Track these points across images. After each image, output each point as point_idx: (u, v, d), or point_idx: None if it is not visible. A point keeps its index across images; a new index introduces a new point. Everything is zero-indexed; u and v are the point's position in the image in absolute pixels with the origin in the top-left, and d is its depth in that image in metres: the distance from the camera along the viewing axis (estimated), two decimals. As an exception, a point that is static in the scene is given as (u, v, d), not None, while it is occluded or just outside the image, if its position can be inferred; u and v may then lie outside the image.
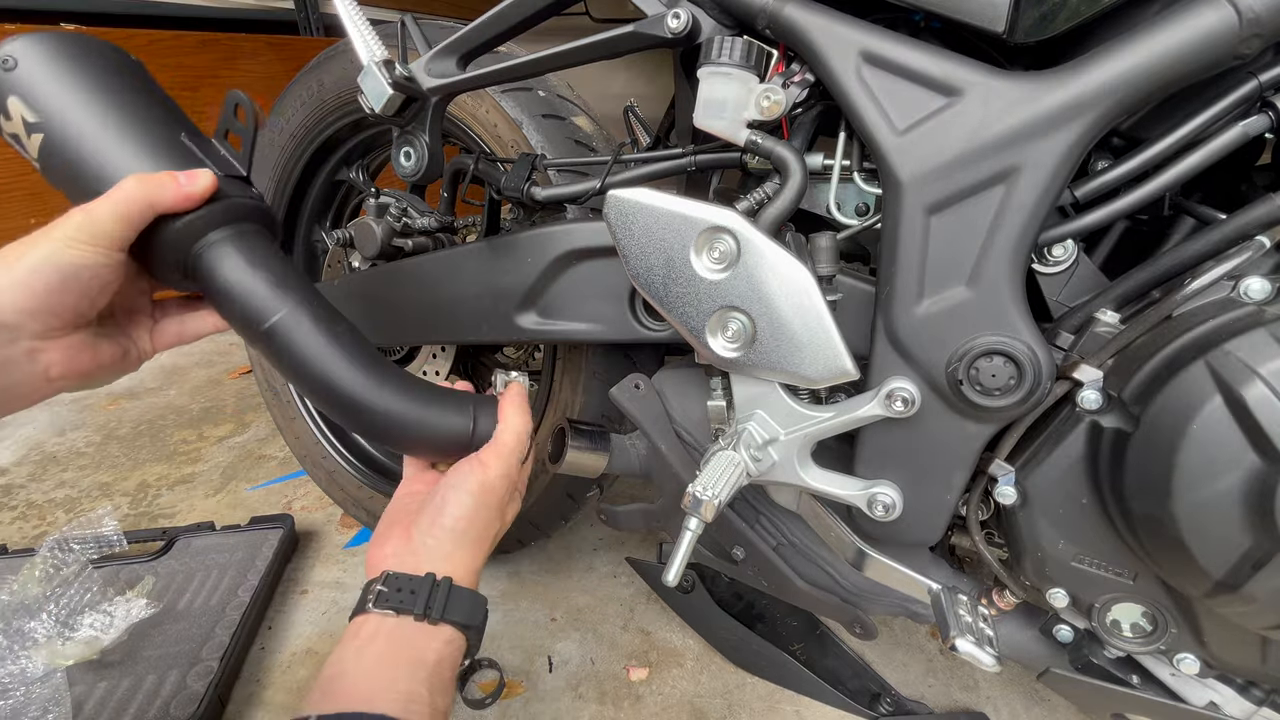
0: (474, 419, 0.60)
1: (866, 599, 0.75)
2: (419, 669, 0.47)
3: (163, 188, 0.47)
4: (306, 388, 0.55)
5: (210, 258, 0.52)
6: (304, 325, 0.53)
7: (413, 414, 0.57)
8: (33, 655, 0.87)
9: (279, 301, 0.53)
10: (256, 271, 0.52)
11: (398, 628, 0.48)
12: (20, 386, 0.45)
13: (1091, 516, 0.55)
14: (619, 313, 0.72)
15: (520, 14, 0.67)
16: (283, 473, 1.42)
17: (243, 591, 1.02)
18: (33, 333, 0.44)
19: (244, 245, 0.53)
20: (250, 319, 0.53)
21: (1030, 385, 0.52)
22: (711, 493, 0.58)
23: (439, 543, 0.53)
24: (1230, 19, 0.44)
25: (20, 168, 1.52)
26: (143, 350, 0.54)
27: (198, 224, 0.51)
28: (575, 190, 0.73)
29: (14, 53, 0.50)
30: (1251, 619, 0.49)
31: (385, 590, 0.50)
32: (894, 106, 0.53)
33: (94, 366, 0.49)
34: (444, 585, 0.51)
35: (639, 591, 1.09)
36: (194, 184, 0.49)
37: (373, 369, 0.56)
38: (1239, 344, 0.45)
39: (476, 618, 0.52)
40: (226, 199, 0.52)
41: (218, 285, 0.52)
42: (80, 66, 0.52)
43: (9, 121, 0.51)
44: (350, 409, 0.56)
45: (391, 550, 0.53)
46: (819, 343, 0.56)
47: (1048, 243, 0.55)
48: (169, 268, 0.52)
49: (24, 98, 0.50)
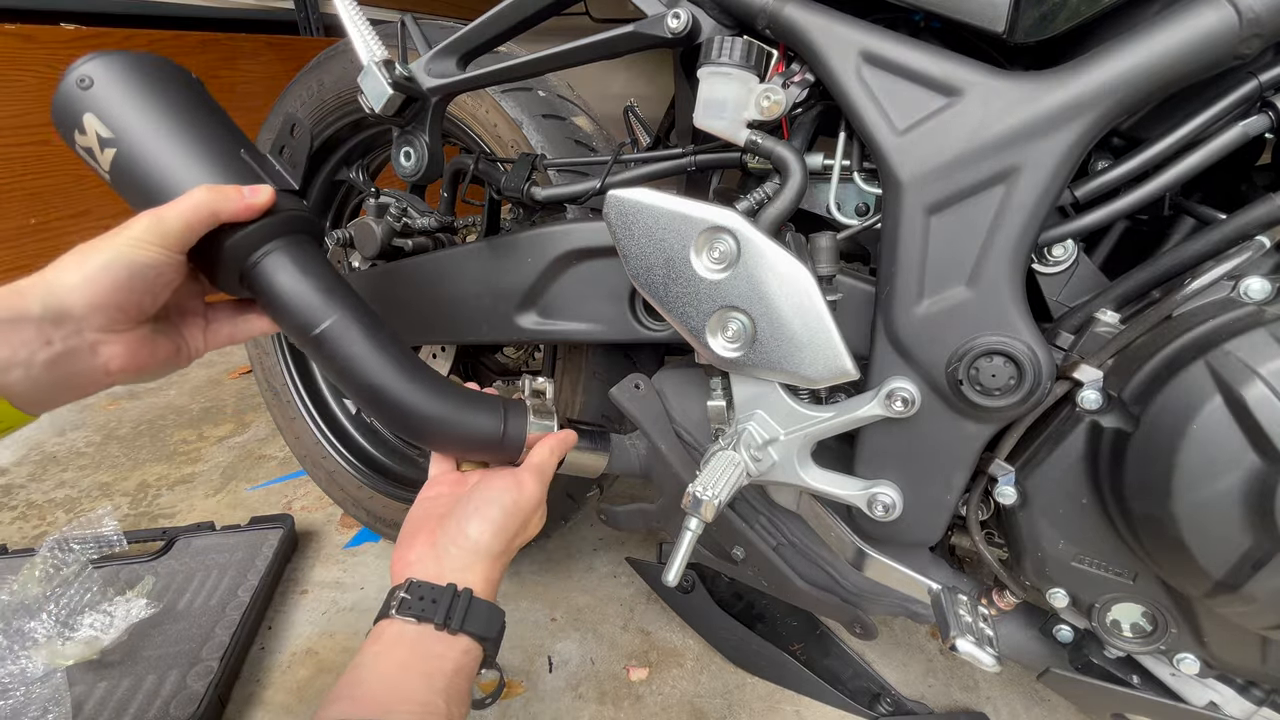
0: (505, 421, 0.62)
1: (866, 599, 0.75)
2: (437, 679, 0.48)
3: (227, 199, 0.51)
4: (352, 389, 0.59)
5: (266, 266, 0.55)
6: (352, 331, 0.57)
7: (449, 415, 0.60)
8: (33, 655, 0.87)
9: (328, 309, 0.56)
10: (308, 280, 0.56)
11: (418, 636, 0.50)
12: (81, 377, 0.47)
13: (1091, 516, 0.55)
14: (619, 313, 0.72)
15: (520, 14, 0.67)
16: (283, 473, 1.42)
17: (243, 591, 1.02)
18: (98, 326, 0.47)
19: (297, 255, 0.56)
20: (302, 324, 0.56)
21: (1030, 385, 0.52)
22: (711, 493, 0.58)
23: (462, 552, 0.55)
24: (1230, 19, 0.44)
25: (21, 168, 1.52)
26: (194, 349, 0.57)
27: (256, 235, 0.54)
28: (575, 190, 0.73)
29: (90, 72, 0.54)
30: (1251, 619, 0.49)
31: (408, 598, 0.52)
32: (894, 106, 0.53)
33: (150, 361, 0.52)
34: (464, 597, 0.52)
35: (639, 591, 1.09)
36: (255, 197, 0.53)
37: (413, 372, 0.60)
38: (1239, 344, 0.45)
39: (493, 629, 0.54)
40: (282, 212, 0.56)
41: (273, 292, 0.56)
42: (151, 86, 0.55)
43: (83, 136, 0.55)
44: (392, 409, 0.59)
45: (416, 556, 0.55)
46: (819, 343, 0.56)
47: (1048, 243, 0.55)
48: (229, 274, 0.55)
49: (100, 115, 0.54)
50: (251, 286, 0.56)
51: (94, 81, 0.54)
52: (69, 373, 0.46)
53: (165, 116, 0.54)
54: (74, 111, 0.55)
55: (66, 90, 0.55)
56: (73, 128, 0.55)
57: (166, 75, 0.57)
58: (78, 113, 0.54)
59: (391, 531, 1.14)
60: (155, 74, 0.56)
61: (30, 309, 0.44)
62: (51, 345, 0.45)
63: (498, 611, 0.55)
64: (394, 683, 0.47)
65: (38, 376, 0.45)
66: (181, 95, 0.57)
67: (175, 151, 0.54)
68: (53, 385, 0.46)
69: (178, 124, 0.55)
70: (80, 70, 0.54)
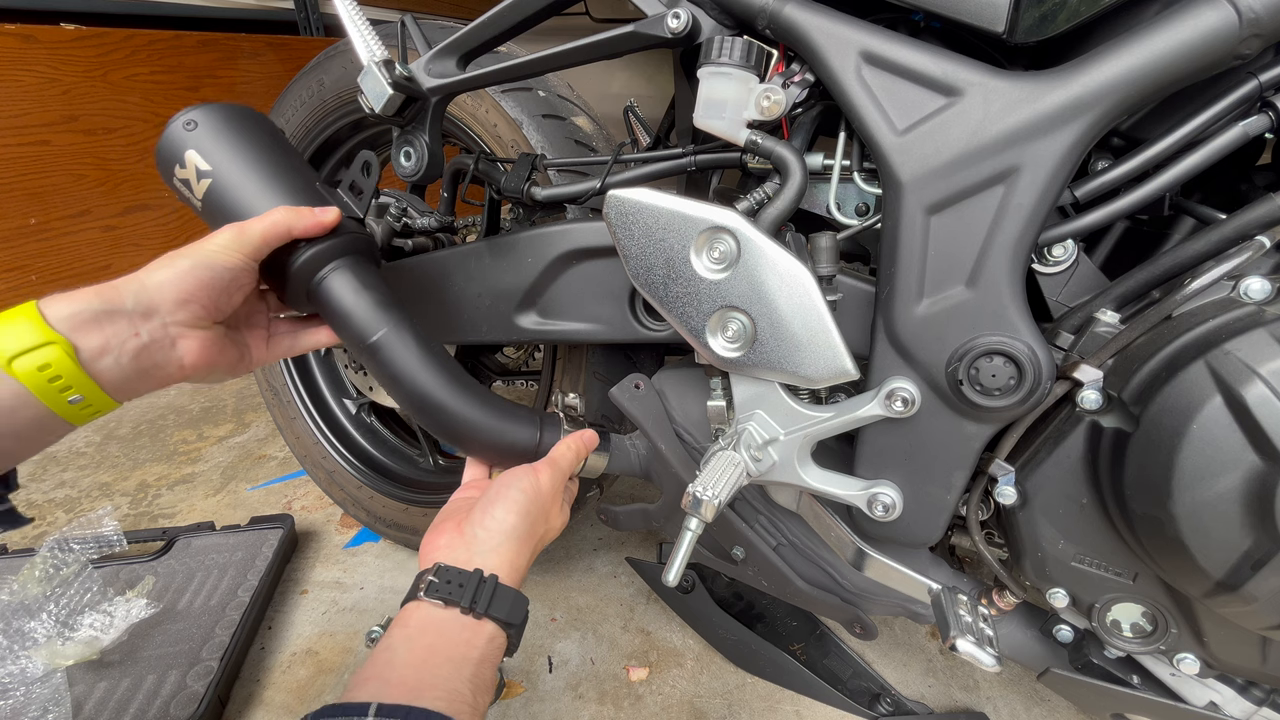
0: (540, 432, 0.67)
1: (866, 599, 0.75)
2: (464, 666, 0.50)
3: (300, 216, 0.59)
4: (400, 394, 0.64)
5: (331, 281, 0.62)
6: (404, 341, 0.63)
7: (491, 424, 0.65)
8: (33, 655, 0.87)
9: (382, 321, 0.62)
10: (367, 294, 0.63)
11: (445, 621, 0.52)
12: (160, 369, 0.53)
13: (1091, 516, 0.55)
14: (619, 313, 0.72)
15: (520, 14, 0.67)
16: (283, 473, 1.42)
17: (243, 591, 1.02)
18: (180, 321, 0.53)
19: (358, 272, 0.63)
20: (359, 334, 0.63)
21: (1030, 385, 0.52)
22: (711, 493, 0.58)
23: (489, 534, 0.57)
24: (1230, 19, 0.44)
25: (21, 168, 1.52)
26: (257, 357, 0.63)
27: (324, 253, 0.62)
28: (575, 190, 0.73)
29: (195, 117, 0.64)
30: (1251, 619, 0.49)
31: (436, 581, 0.54)
32: (894, 106, 0.53)
33: (219, 360, 0.57)
34: (490, 582, 0.54)
35: (639, 591, 1.09)
36: (324, 216, 0.61)
37: (459, 382, 0.65)
38: (1239, 344, 0.45)
39: (517, 616, 0.55)
40: (346, 235, 0.63)
41: (334, 305, 0.63)
42: (243, 130, 0.64)
43: (182, 169, 0.63)
44: (436, 415, 0.64)
45: (445, 542, 0.58)
46: (819, 343, 0.56)
47: (1048, 243, 0.55)
48: (298, 288, 0.63)
49: (200, 151, 0.63)
50: (316, 299, 0.63)
51: (198, 124, 0.63)
52: (151, 363, 0.52)
53: (253, 154, 0.64)
54: (177, 148, 0.63)
55: (174, 131, 0.63)
56: (173, 163, 0.64)
57: (254, 123, 0.66)
58: (180, 149, 0.63)
59: (391, 532, 1.14)
60: (247, 121, 0.65)
61: (124, 302, 0.50)
62: (139, 337, 0.51)
63: (522, 598, 0.56)
64: (423, 669, 0.48)
65: (125, 365, 0.50)
66: (266, 138, 0.66)
67: (260, 182, 0.63)
68: (136, 374, 0.51)
69: (263, 160, 0.64)
70: (188, 115, 0.64)
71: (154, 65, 1.76)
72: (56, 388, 0.46)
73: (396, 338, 0.62)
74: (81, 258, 1.66)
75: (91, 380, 0.48)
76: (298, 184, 0.64)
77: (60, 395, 0.47)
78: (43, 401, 0.46)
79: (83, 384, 0.47)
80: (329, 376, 1.23)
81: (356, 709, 0.44)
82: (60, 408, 0.47)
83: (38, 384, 0.45)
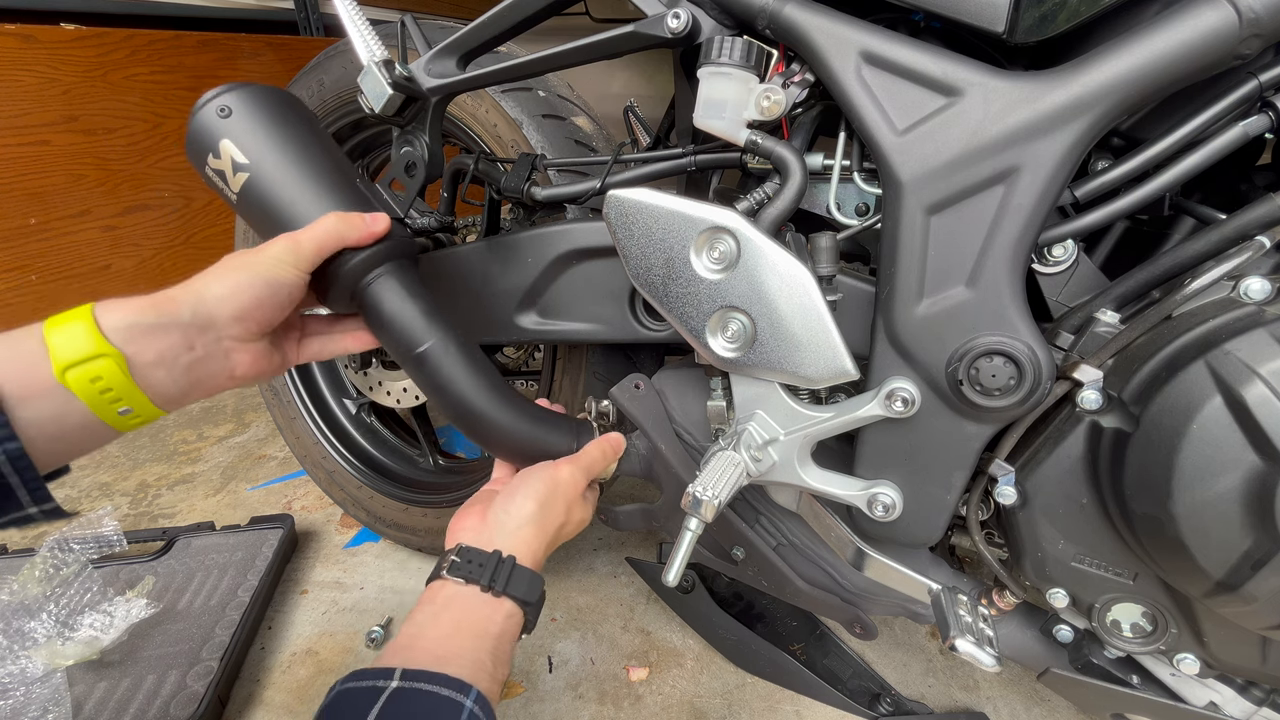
0: (576, 439, 0.68)
1: (866, 599, 0.75)
2: (485, 640, 0.53)
3: (353, 226, 0.58)
4: (445, 405, 0.64)
5: (377, 288, 0.61)
6: (450, 352, 0.62)
7: (531, 433, 0.66)
8: (33, 655, 0.87)
9: (429, 331, 0.61)
10: (413, 302, 0.61)
11: (467, 598, 0.55)
12: (212, 379, 0.52)
13: (1091, 517, 0.55)
14: (619, 313, 0.72)
15: (520, 14, 0.67)
16: (283, 473, 1.42)
17: (243, 591, 1.02)
18: (235, 335, 0.52)
19: (404, 278, 0.62)
20: (407, 343, 0.61)
21: (1030, 385, 0.52)
22: (711, 493, 0.58)
23: (509, 518, 0.60)
24: (1230, 19, 0.44)
25: (21, 168, 1.52)
26: (288, 359, 0.62)
27: (372, 259, 0.60)
28: (575, 190, 0.73)
29: (229, 102, 0.59)
30: (1251, 619, 0.49)
31: (458, 560, 0.56)
32: (894, 107, 0.53)
33: (266, 369, 0.57)
34: (508, 562, 0.57)
35: (639, 591, 1.09)
36: (376, 224, 0.59)
37: (501, 393, 0.65)
38: (1239, 344, 0.45)
39: (534, 595, 0.58)
40: (392, 238, 0.61)
41: (380, 311, 0.61)
42: (281, 118, 0.60)
43: (217, 160, 0.59)
44: (479, 425, 0.64)
45: (469, 525, 0.61)
46: (819, 343, 0.56)
47: (1048, 243, 0.55)
48: (341, 293, 0.60)
49: (236, 142, 0.58)
50: (361, 305, 0.61)
51: (233, 111, 0.59)
52: (203, 375, 0.51)
53: (293, 147, 0.60)
54: (212, 137, 0.59)
55: (205, 117, 0.59)
56: (206, 152, 0.59)
57: (290, 108, 0.62)
58: (215, 138, 0.59)
59: (391, 531, 1.14)
60: (284, 106, 0.61)
61: (181, 315, 0.49)
62: (193, 350, 0.50)
63: (538, 579, 0.59)
64: (448, 641, 0.51)
65: (177, 377, 0.50)
66: (305, 128, 0.62)
67: (303, 180, 0.59)
68: (188, 385, 0.51)
69: (305, 154, 0.60)
70: (220, 100, 0.59)
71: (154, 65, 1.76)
72: (107, 399, 0.46)
73: (444, 349, 0.61)
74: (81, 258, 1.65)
75: (142, 394, 0.48)
76: (340, 182, 0.61)
77: (110, 406, 0.46)
78: (93, 411, 0.46)
79: (133, 396, 0.47)
80: (329, 377, 1.24)
81: (383, 674, 0.47)
82: (109, 417, 0.47)
83: (89, 395, 0.45)
